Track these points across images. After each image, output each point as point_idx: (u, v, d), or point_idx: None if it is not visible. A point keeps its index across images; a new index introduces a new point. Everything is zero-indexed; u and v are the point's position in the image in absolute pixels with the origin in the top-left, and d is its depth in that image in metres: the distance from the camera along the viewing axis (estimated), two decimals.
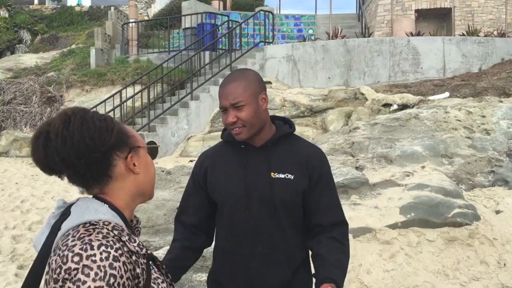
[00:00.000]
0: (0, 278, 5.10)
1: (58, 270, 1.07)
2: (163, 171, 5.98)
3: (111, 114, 9.25)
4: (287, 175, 1.85)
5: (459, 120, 6.20)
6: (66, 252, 1.08)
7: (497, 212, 4.55)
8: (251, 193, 1.83)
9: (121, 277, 1.08)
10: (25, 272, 4.78)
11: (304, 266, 1.93)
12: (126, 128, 1.30)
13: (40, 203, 7.32)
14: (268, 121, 1.91)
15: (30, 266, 1.18)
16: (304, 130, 9.26)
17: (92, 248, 1.07)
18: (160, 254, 3.79)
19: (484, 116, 6.32)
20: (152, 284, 1.18)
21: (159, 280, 1.22)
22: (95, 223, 1.16)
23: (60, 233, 1.17)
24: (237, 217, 1.86)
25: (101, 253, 1.07)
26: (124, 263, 1.10)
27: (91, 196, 1.27)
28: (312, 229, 1.90)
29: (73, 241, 1.10)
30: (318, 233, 1.88)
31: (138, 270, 1.13)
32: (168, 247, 3.95)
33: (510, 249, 4.07)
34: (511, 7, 13.68)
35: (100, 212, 1.19)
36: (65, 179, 1.24)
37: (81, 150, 1.16)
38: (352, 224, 4.20)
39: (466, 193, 4.86)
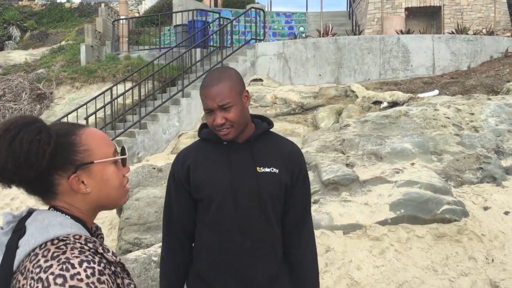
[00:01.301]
0: None
1: None
2: (154, 168, 5.97)
3: (101, 111, 9.20)
4: (272, 169, 1.86)
5: (448, 118, 6.26)
6: (43, 275, 0.98)
7: (485, 208, 4.60)
8: (239, 188, 1.82)
9: None
10: None
11: (284, 258, 1.97)
12: (77, 142, 1.14)
13: (30, 200, 7.27)
14: (249, 119, 1.91)
15: None
16: (295, 127, 9.28)
17: (73, 266, 0.99)
18: (152, 251, 3.80)
19: (472, 114, 6.39)
20: None
21: (132, 286, 1.18)
22: (64, 238, 1.06)
23: (22, 253, 1.06)
24: (225, 213, 1.83)
25: (85, 270, 0.99)
26: (109, 275, 1.05)
27: (47, 208, 1.16)
28: (285, 224, 1.94)
29: (46, 261, 1.01)
30: (291, 233, 1.95)
31: (118, 281, 1.10)
32: (159, 245, 3.96)
33: (498, 245, 4.12)
34: (499, 5, 13.80)
35: (66, 226, 1.09)
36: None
37: (6, 174, 1.07)
38: (342, 221, 4.25)
39: (455, 189, 4.91)
